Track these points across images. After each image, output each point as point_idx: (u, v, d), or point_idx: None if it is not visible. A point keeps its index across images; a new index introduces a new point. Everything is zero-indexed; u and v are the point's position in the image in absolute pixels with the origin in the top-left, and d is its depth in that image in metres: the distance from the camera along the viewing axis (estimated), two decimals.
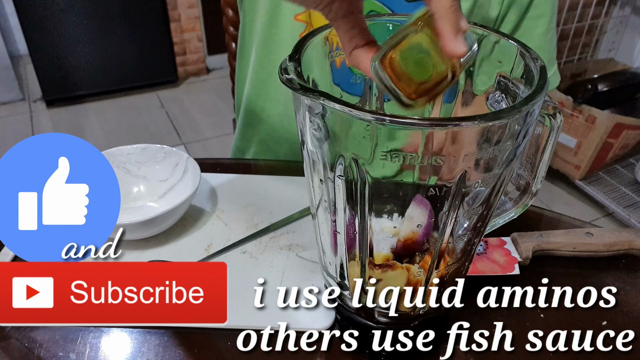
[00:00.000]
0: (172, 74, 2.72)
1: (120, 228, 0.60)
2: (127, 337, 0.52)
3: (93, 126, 2.43)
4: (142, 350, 0.51)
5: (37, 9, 2.27)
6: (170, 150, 0.70)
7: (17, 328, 0.53)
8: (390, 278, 0.43)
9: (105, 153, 0.68)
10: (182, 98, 2.67)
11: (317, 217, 0.45)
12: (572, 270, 0.61)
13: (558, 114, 0.42)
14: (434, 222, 0.42)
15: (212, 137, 2.37)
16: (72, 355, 0.50)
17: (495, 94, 0.44)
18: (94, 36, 2.44)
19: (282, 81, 0.36)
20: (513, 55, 0.42)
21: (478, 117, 0.33)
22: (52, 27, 2.34)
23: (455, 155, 0.34)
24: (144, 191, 0.70)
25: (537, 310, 0.55)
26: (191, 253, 0.61)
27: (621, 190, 1.94)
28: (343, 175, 0.38)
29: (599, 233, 0.61)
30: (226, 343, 0.51)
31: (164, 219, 0.61)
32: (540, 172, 0.46)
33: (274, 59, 0.77)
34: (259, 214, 0.68)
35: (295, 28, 0.73)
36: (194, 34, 2.73)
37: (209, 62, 2.87)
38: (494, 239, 0.61)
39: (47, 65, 2.42)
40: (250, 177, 0.75)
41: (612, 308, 0.56)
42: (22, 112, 2.52)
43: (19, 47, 2.88)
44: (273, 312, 0.54)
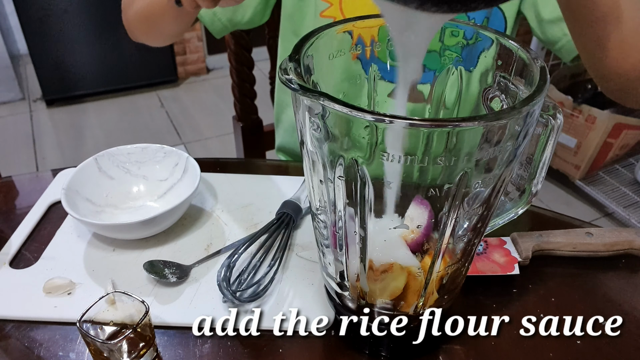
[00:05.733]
0: (172, 73, 2.72)
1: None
2: None
3: (93, 126, 2.43)
4: None
5: (37, 9, 2.28)
6: (170, 150, 0.70)
7: (17, 328, 0.53)
8: (390, 278, 0.43)
9: (105, 153, 0.69)
10: (182, 98, 2.67)
11: (317, 217, 0.45)
12: (572, 270, 0.61)
13: (558, 114, 0.42)
14: (434, 223, 0.42)
15: (212, 137, 2.37)
16: (72, 355, 0.50)
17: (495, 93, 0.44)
18: (94, 36, 2.44)
19: (281, 81, 0.36)
20: (513, 55, 0.42)
21: (478, 118, 0.32)
22: (52, 27, 2.34)
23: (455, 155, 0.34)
24: (144, 191, 0.70)
25: (538, 311, 0.55)
26: (191, 253, 0.61)
27: (621, 190, 1.94)
28: (343, 175, 0.38)
29: (599, 233, 0.61)
30: (226, 343, 0.51)
31: (164, 218, 0.61)
32: (540, 172, 0.46)
33: (299, 33, 0.79)
34: (259, 214, 0.68)
35: (319, 6, 0.74)
36: (194, 34, 2.73)
37: (209, 62, 2.87)
38: (494, 239, 0.61)
39: (47, 65, 2.42)
40: (250, 177, 0.75)
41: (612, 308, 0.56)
42: (22, 111, 2.52)
43: (19, 47, 2.88)
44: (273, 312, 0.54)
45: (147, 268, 0.57)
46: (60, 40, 2.39)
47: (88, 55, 2.48)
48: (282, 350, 0.51)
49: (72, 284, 0.57)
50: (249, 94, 1.05)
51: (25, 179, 0.78)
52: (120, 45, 2.50)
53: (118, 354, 0.46)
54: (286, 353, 0.51)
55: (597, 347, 0.52)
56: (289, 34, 0.81)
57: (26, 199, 0.72)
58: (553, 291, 0.58)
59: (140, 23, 0.75)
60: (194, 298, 0.55)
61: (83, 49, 2.46)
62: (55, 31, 2.36)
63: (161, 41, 0.79)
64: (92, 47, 2.47)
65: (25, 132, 2.37)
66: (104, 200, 0.67)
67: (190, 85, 2.79)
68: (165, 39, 0.79)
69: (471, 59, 0.47)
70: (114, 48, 2.50)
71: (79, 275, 0.58)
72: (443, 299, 0.46)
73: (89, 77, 2.55)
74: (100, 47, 2.48)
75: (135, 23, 0.76)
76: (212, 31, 0.81)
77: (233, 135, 1.13)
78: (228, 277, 0.53)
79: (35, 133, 2.36)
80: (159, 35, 0.78)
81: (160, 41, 0.79)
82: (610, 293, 0.58)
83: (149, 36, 0.78)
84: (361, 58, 0.48)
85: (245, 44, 0.98)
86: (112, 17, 2.39)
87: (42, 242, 0.63)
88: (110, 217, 0.66)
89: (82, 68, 2.50)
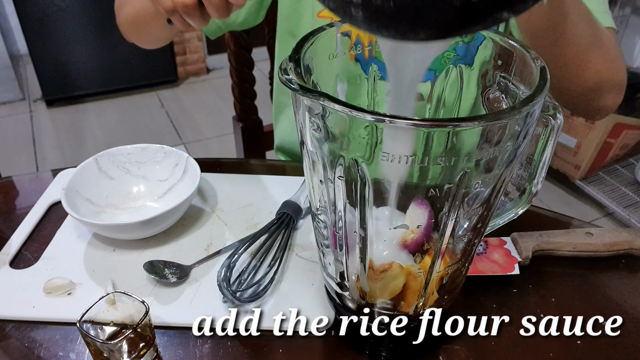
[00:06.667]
0: (172, 73, 2.72)
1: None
2: None
3: (93, 126, 2.43)
4: None
5: (37, 9, 2.28)
6: (170, 150, 0.70)
7: (17, 328, 0.53)
8: (390, 279, 0.43)
9: (105, 153, 0.69)
10: (182, 98, 2.67)
11: (317, 218, 0.45)
12: (572, 270, 0.61)
13: (558, 114, 0.42)
14: (434, 223, 0.42)
15: (212, 137, 2.37)
16: (72, 355, 0.50)
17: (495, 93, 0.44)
18: (94, 36, 2.44)
19: (281, 82, 0.36)
20: (513, 55, 0.42)
21: (478, 118, 0.32)
22: (52, 27, 2.34)
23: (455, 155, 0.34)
24: (144, 191, 0.70)
25: (538, 311, 0.55)
26: (191, 253, 0.61)
27: (621, 190, 1.94)
28: (343, 176, 0.38)
29: (599, 233, 0.61)
30: (226, 343, 0.51)
31: (164, 219, 0.61)
32: (540, 172, 0.46)
33: (296, 33, 0.79)
34: (259, 214, 0.68)
35: (316, 7, 0.74)
36: (194, 34, 2.72)
37: (209, 62, 2.87)
38: (494, 239, 0.61)
39: (47, 65, 2.42)
40: (250, 177, 0.75)
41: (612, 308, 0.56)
42: (22, 112, 2.52)
43: (19, 47, 2.88)
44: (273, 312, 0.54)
45: (147, 268, 0.57)
46: (60, 40, 2.39)
47: (88, 55, 2.48)
48: (282, 350, 0.51)
49: (72, 284, 0.57)
50: (249, 94, 1.05)
51: (25, 179, 0.78)
52: (121, 45, 2.49)
53: (118, 354, 0.46)
54: (286, 353, 0.51)
55: (597, 347, 0.52)
56: (285, 34, 0.81)
57: (26, 199, 0.72)
58: (553, 291, 0.58)
59: (131, 27, 0.75)
60: (194, 298, 0.55)
61: (83, 49, 2.46)
62: (55, 31, 2.36)
63: (153, 44, 0.80)
64: (92, 47, 2.47)
65: (25, 132, 2.37)
66: (104, 201, 0.67)
67: (190, 86, 2.79)
68: (156, 42, 0.79)
69: (469, 55, 0.47)
70: (114, 48, 2.49)
71: (79, 276, 0.58)
72: (443, 299, 0.46)
73: (89, 77, 2.55)
74: (100, 47, 2.48)
75: (126, 26, 0.76)
76: (207, 32, 0.81)
77: (233, 136, 1.13)
78: (228, 277, 0.53)
79: (35, 133, 2.36)
80: (149, 39, 0.78)
81: (151, 44, 0.80)
82: (610, 293, 0.58)
83: (139, 40, 0.78)
84: (360, 58, 0.48)
85: (245, 44, 0.98)
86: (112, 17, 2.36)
87: (42, 243, 0.63)
88: (110, 217, 0.66)
89: (82, 68, 2.50)
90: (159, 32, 0.74)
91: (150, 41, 0.79)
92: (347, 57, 0.46)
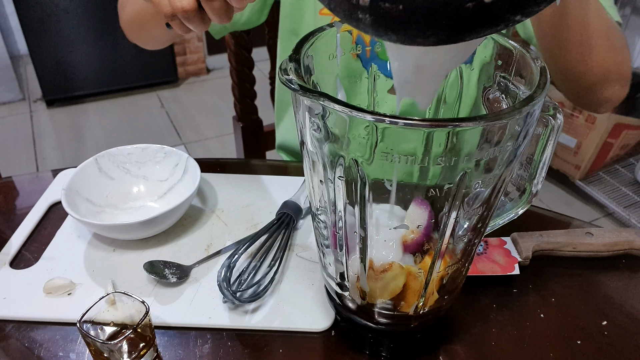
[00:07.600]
0: (172, 74, 2.72)
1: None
2: None
3: (93, 126, 2.43)
4: None
5: (37, 9, 2.28)
6: (170, 150, 0.70)
7: (17, 328, 0.53)
8: (390, 279, 0.43)
9: (105, 153, 0.69)
10: (182, 98, 2.67)
11: (317, 218, 0.45)
12: (572, 270, 0.61)
13: (558, 114, 0.42)
14: (434, 223, 0.42)
15: (212, 137, 2.37)
16: (72, 355, 0.50)
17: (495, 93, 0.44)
18: (94, 36, 2.44)
19: (282, 82, 0.36)
20: (513, 55, 0.42)
21: (478, 118, 0.32)
22: (52, 27, 2.34)
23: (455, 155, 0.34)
24: (144, 191, 0.70)
25: (538, 311, 0.55)
26: (191, 253, 0.61)
27: (621, 190, 1.94)
28: (343, 176, 0.38)
29: (599, 233, 0.61)
30: (226, 343, 0.51)
31: (164, 219, 0.61)
32: (540, 172, 0.46)
33: (298, 32, 0.79)
34: (259, 214, 0.68)
35: (318, 4, 0.74)
36: (194, 34, 2.72)
37: (209, 62, 2.87)
38: (494, 239, 0.61)
39: (47, 65, 2.42)
40: (250, 177, 0.75)
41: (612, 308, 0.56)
42: (22, 112, 2.52)
43: (19, 47, 2.88)
44: (272, 313, 0.54)
45: (147, 268, 0.57)
46: (60, 40, 2.39)
47: (88, 56, 2.48)
48: (282, 350, 0.51)
49: (72, 284, 0.57)
50: (249, 94, 1.05)
51: (26, 180, 0.78)
52: (121, 45, 2.50)
53: (118, 355, 0.46)
54: (286, 353, 0.51)
55: (597, 347, 0.52)
56: (287, 33, 0.81)
57: (26, 199, 0.72)
58: (553, 291, 0.58)
59: (132, 28, 0.75)
60: (194, 298, 0.55)
61: (83, 49, 2.46)
62: (55, 31, 2.36)
63: (155, 45, 0.79)
64: (92, 47, 2.47)
65: (25, 132, 2.37)
66: (104, 201, 0.67)
67: (191, 86, 2.79)
68: (158, 44, 0.79)
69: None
70: (114, 48, 2.49)
71: (79, 276, 0.58)
72: (443, 299, 0.46)
73: (89, 77, 2.55)
74: (100, 47, 2.48)
75: (128, 27, 0.76)
76: (211, 32, 0.81)
77: (233, 136, 1.13)
78: (228, 277, 0.53)
79: (36, 133, 2.36)
80: (150, 40, 0.78)
81: (153, 45, 0.79)
82: (610, 293, 0.58)
83: (141, 41, 0.78)
84: (361, 57, 0.48)
85: (245, 44, 0.98)
86: (112, 18, 2.38)
87: (42, 243, 0.63)
88: (110, 217, 0.66)
89: (82, 68, 2.50)
90: (159, 34, 0.74)
91: (151, 42, 0.79)
92: (349, 55, 0.46)
